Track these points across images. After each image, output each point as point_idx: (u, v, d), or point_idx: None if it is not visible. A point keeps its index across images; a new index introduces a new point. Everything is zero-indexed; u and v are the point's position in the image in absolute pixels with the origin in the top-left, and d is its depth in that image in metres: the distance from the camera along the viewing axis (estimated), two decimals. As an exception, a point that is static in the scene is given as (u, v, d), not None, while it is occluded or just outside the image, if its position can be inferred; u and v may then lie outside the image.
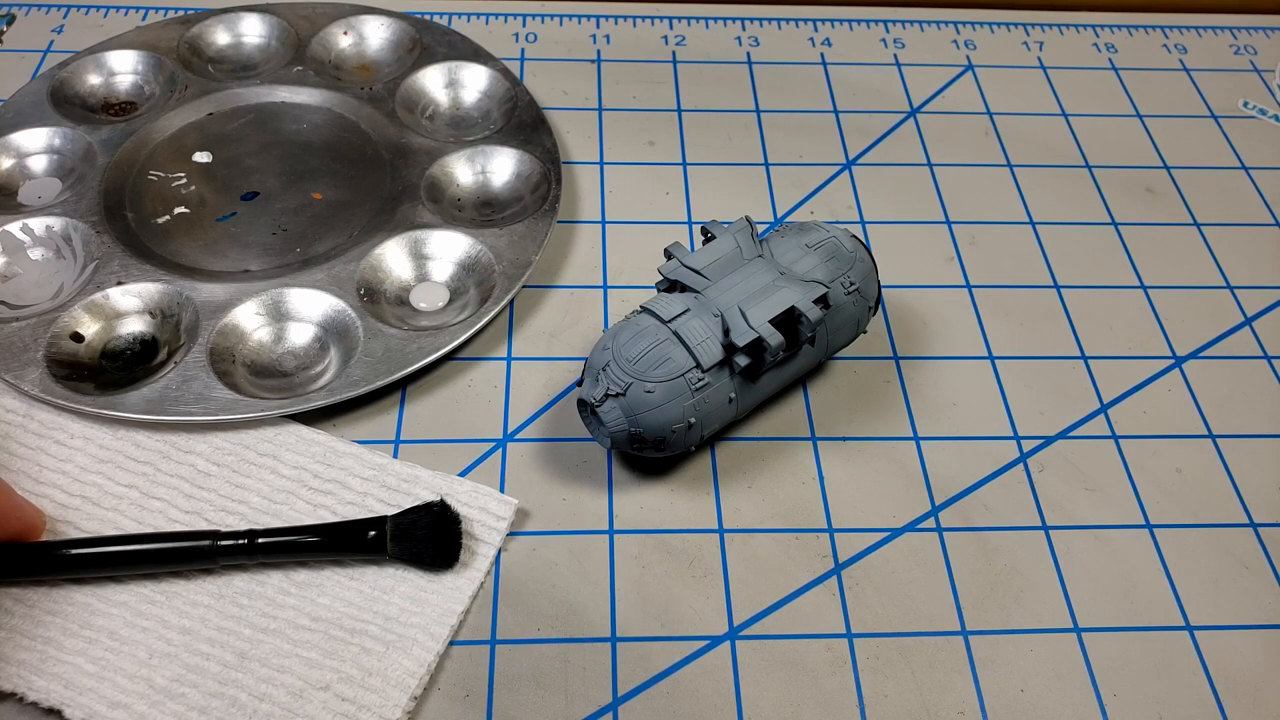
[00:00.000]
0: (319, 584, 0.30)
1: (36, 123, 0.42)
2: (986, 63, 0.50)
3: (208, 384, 0.34)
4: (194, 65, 0.45)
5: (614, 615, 0.31)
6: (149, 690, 0.28)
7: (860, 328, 0.35)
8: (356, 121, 0.44)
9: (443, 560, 0.30)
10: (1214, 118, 0.48)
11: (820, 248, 0.34)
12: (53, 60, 0.46)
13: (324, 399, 0.33)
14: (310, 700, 0.28)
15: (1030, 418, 0.36)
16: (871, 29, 0.52)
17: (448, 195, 0.41)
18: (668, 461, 0.34)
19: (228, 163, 0.42)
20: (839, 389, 0.36)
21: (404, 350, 0.35)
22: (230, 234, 0.39)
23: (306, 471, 0.32)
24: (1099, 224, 0.43)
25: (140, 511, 0.31)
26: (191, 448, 0.33)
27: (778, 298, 0.31)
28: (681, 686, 0.29)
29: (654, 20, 0.51)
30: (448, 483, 0.32)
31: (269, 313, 0.36)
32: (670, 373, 0.30)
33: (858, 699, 0.29)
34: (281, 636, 0.29)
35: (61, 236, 0.38)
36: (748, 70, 0.49)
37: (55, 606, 0.29)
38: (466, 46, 0.46)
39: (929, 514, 0.33)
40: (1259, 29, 0.53)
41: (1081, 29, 0.53)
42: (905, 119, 0.47)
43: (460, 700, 0.29)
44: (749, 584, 0.32)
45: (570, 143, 0.45)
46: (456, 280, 0.38)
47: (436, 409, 0.35)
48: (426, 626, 0.29)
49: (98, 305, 0.36)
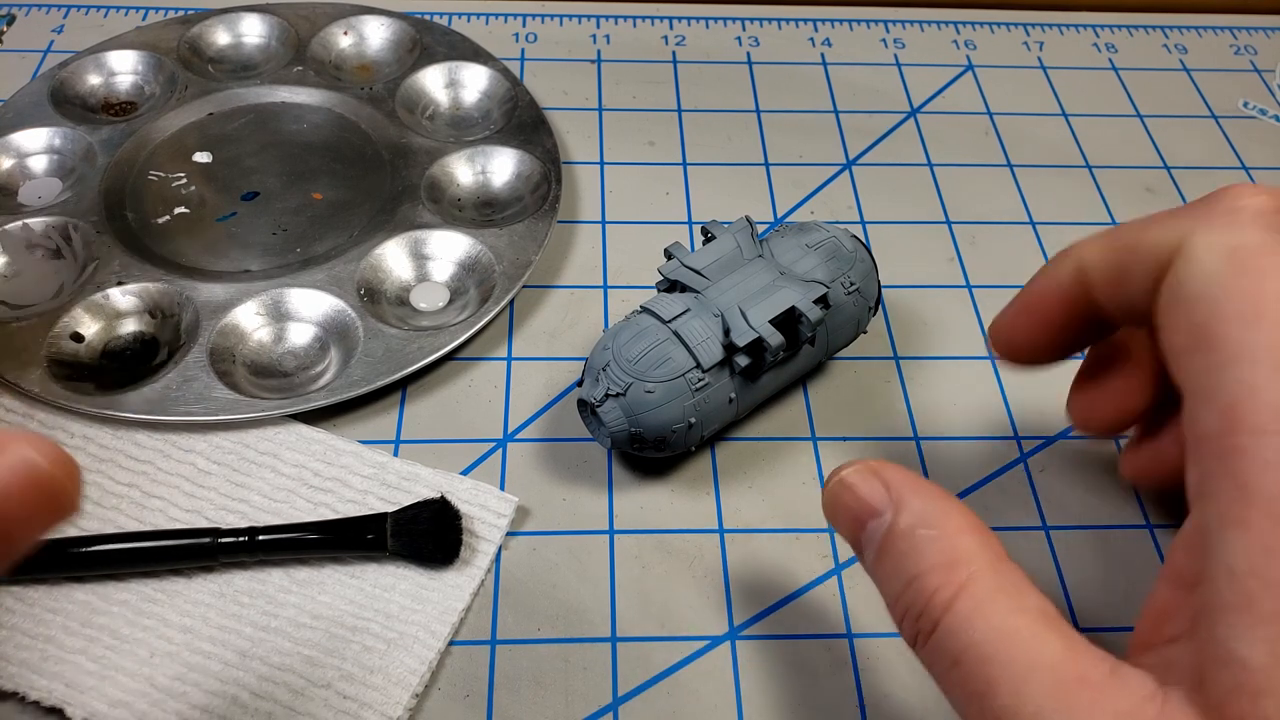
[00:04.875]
0: (320, 582, 0.30)
1: (36, 123, 0.42)
2: (986, 63, 0.50)
3: (208, 384, 0.34)
4: (194, 65, 0.45)
5: (614, 615, 0.31)
6: (150, 689, 0.28)
7: (860, 328, 0.35)
8: (356, 121, 0.44)
9: (443, 556, 0.30)
10: (1214, 118, 0.48)
11: (820, 248, 0.34)
12: (53, 60, 0.46)
13: (324, 399, 0.33)
14: (312, 698, 0.28)
15: (1030, 418, 0.36)
16: (871, 29, 0.52)
17: (448, 195, 0.41)
18: (668, 461, 0.34)
19: (228, 163, 0.42)
20: (839, 389, 0.36)
21: (404, 350, 0.35)
22: (230, 234, 0.39)
23: (307, 470, 0.32)
24: (1099, 224, 0.43)
25: (140, 510, 0.31)
26: (191, 446, 0.33)
27: (778, 298, 0.32)
28: (681, 686, 0.29)
29: (654, 20, 0.51)
30: (448, 480, 0.32)
31: (269, 313, 0.36)
32: (670, 373, 0.30)
33: (858, 699, 0.29)
34: (282, 635, 0.29)
35: (61, 236, 0.38)
36: (748, 70, 0.49)
37: (56, 605, 0.29)
38: (466, 46, 0.46)
39: (929, 514, 0.33)
40: (1259, 29, 0.53)
41: (1081, 29, 0.53)
42: (905, 119, 0.47)
43: (460, 700, 0.29)
44: (749, 584, 0.32)
45: (570, 143, 0.45)
46: (456, 280, 0.38)
47: (436, 409, 0.35)
48: (427, 624, 0.29)
49: (98, 305, 0.36)
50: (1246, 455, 0.20)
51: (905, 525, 0.23)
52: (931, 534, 0.23)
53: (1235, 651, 0.19)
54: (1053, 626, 0.22)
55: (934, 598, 0.22)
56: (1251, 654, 0.19)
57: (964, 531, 0.23)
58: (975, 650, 0.21)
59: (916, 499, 0.24)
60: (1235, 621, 0.20)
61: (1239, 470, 0.20)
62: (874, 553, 0.24)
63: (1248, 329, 0.21)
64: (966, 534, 0.23)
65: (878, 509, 0.24)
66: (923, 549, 0.23)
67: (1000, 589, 0.22)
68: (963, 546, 0.23)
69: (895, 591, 0.24)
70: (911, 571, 0.23)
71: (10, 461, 0.19)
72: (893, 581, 0.24)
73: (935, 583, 0.22)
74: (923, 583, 0.23)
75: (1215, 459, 0.21)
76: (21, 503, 0.19)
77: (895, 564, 0.23)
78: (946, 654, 0.22)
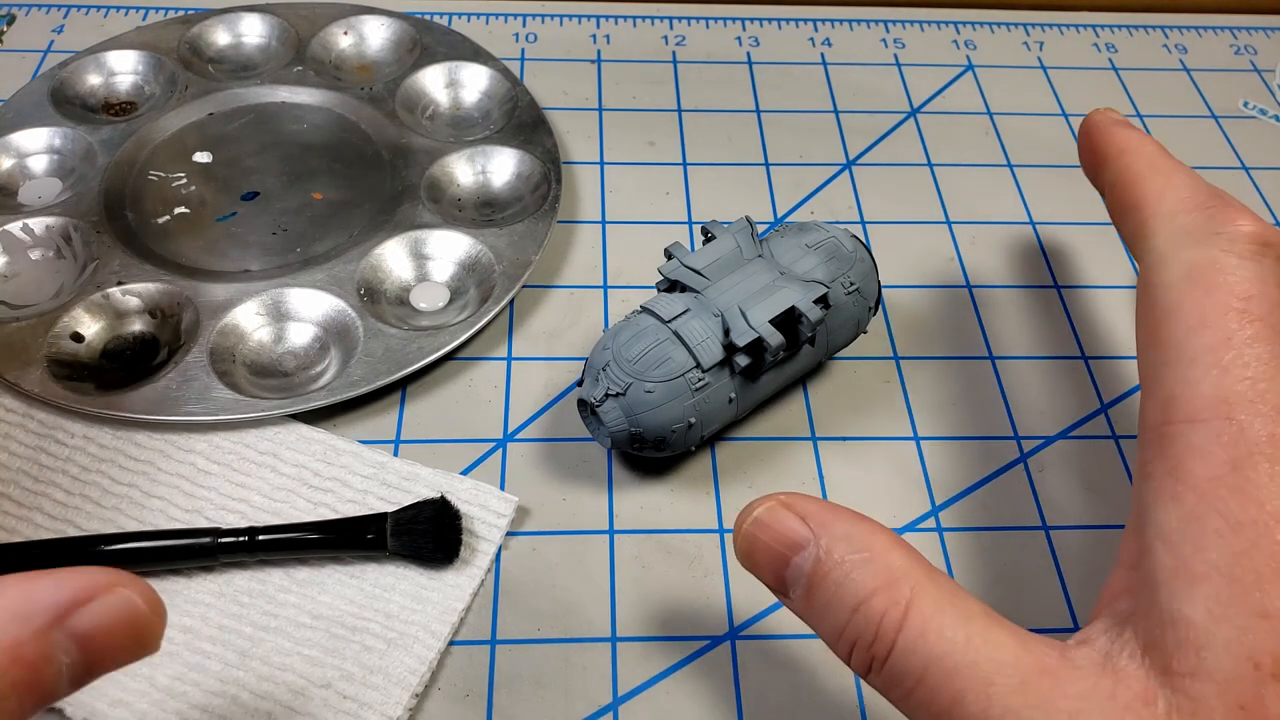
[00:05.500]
0: (320, 582, 0.30)
1: (36, 123, 0.42)
2: (986, 63, 0.50)
3: (208, 384, 0.34)
4: (194, 65, 0.45)
5: (614, 615, 0.31)
6: (150, 689, 0.28)
7: (860, 328, 0.35)
8: (356, 121, 0.44)
9: (443, 555, 0.30)
10: (1214, 118, 0.48)
11: (820, 248, 0.34)
12: (53, 60, 0.47)
13: (324, 399, 0.33)
14: (312, 698, 0.28)
15: (1030, 418, 0.36)
16: (871, 29, 0.52)
17: (448, 195, 0.41)
18: (668, 461, 0.34)
19: (228, 163, 0.42)
20: (839, 389, 0.36)
21: (404, 350, 0.35)
22: (230, 234, 0.39)
23: (307, 470, 0.32)
24: (1099, 224, 0.43)
25: (140, 510, 0.31)
26: (191, 446, 0.33)
27: (778, 298, 0.32)
28: (681, 686, 0.29)
29: (654, 20, 0.51)
30: (448, 480, 0.32)
31: (269, 313, 0.36)
32: (670, 373, 0.30)
33: (858, 699, 0.29)
34: (282, 634, 0.29)
35: (61, 236, 0.38)
36: (748, 70, 0.49)
37: (55, 606, 0.29)
38: (466, 46, 0.46)
39: (929, 514, 0.33)
40: (1259, 29, 0.53)
41: (1081, 29, 0.53)
42: (905, 119, 0.47)
43: (460, 700, 0.29)
44: (749, 584, 0.31)
45: (570, 143, 0.45)
46: (456, 280, 0.38)
47: (436, 409, 0.35)
48: (427, 624, 0.29)
49: (98, 305, 0.36)
50: (1179, 440, 0.23)
51: (833, 554, 0.23)
52: (864, 557, 0.23)
53: (1178, 612, 0.21)
54: (1000, 625, 0.22)
55: (884, 621, 0.22)
56: (1193, 612, 0.21)
57: (892, 548, 0.23)
58: (938, 664, 0.22)
59: (838, 525, 0.24)
60: (1174, 584, 0.21)
61: (1172, 453, 0.23)
62: (803, 589, 0.24)
63: (1191, 334, 0.24)
64: (895, 550, 0.23)
65: (800, 543, 0.24)
66: (859, 574, 0.23)
67: (945, 599, 0.23)
68: (897, 564, 0.23)
69: (838, 624, 0.23)
70: (853, 599, 0.23)
71: (116, 602, 0.20)
72: (833, 614, 0.23)
73: (881, 605, 0.22)
74: (869, 608, 0.23)
75: (1155, 445, 0.23)
76: (118, 641, 0.20)
77: (832, 595, 0.23)
78: (908, 674, 0.22)
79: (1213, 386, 0.23)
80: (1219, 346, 0.23)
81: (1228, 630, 0.20)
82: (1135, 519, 0.24)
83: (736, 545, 0.25)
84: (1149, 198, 0.28)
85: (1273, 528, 0.21)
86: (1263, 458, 0.22)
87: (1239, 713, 0.20)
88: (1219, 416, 0.22)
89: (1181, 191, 0.27)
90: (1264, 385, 0.22)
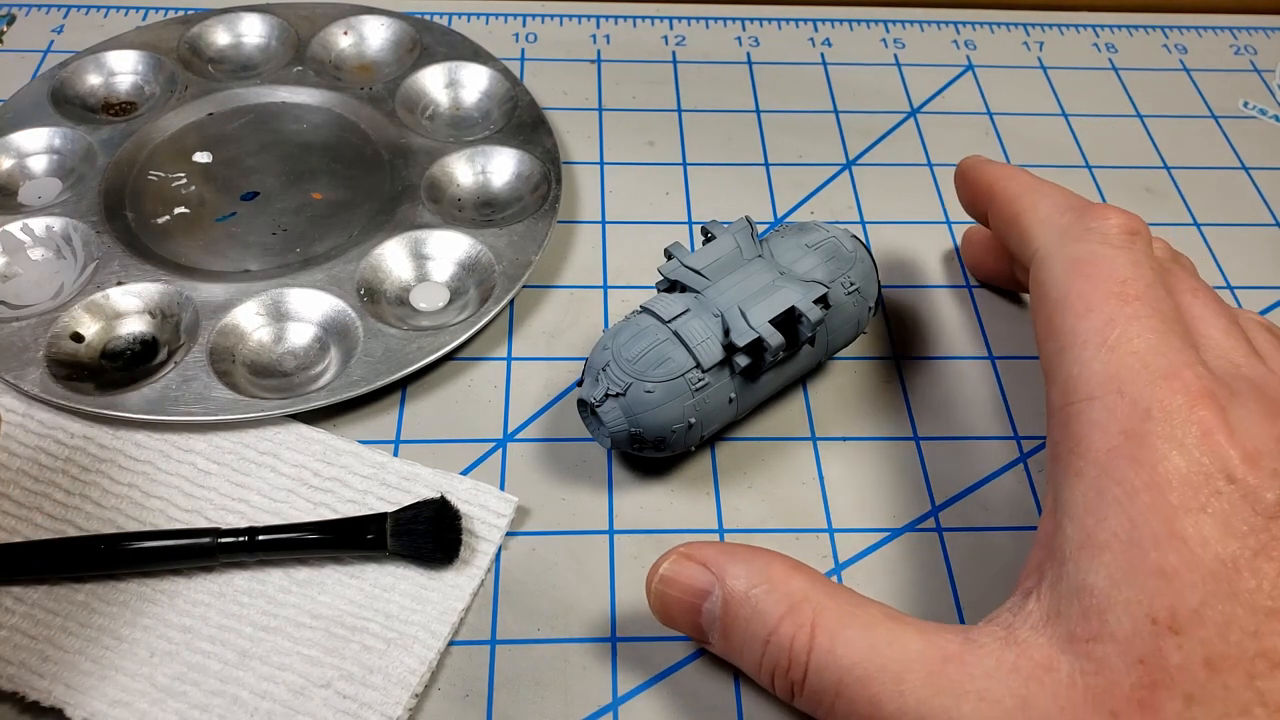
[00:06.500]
0: (320, 582, 0.30)
1: (36, 123, 0.42)
2: (986, 63, 0.50)
3: (208, 384, 0.34)
4: (194, 65, 0.45)
5: (614, 615, 0.31)
6: (150, 689, 0.28)
7: (860, 328, 0.35)
8: (356, 121, 0.44)
9: (443, 555, 0.30)
10: (1214, 118, 0.48)
11: (820, 248, 0.34)
12: (53, 60, 0.47)
13: (324, 399, 0.33)
14: (312, 698, 0.28)
15: (1030, 418, 0.36)
16: (871, 29, 0.52)
17: (448, 195, 0.41)
18: (668, 461, 0.34)
19: (228, 163, 0.42)
20: (839, 389, 0.36)
21: (404, 350, 0.35)
22: (230, 234, 0.39)
23: (306, 470, 0.32)
24: (1099, 224, 0.43)
25: (140, 510, 0.31)
26: (191, 446, 0.33)
27: (778, 298, 0.32)
28: (681, 686, 0.29)
29: (654, 20, 0.51)
30: (447, 480, 0.32)
31: (269, 313, 0.36)
32: (670, 373, 0.30)
33: (858, 698, 0.29)
34: (282, 634, 0.29)
35: (61, 236, 0.38)
36: (748, 70, 0.49)
37: (55, 606, 0.29)
38: (466, 46, 0.46)
39: (929, 514, 0.33)
40: (1259, 29, 0.53)
41: (1081, 29, 0.53)
42: (905, 119, 0.47)
43: (460, 700, 0.29)
44: (749, 584, 0.31)
45: (570, 143, 0.45)
46: (456, 280, 0.38)
47: (436, 409, 0.35)
48: (427, 624, 0.29)
49: (98, 305, 0.36)
50: (1079, 417, 0.24)
51: (738, 592, 0.25)
52: (764, 588, 0.25)
53: (1083, 582, 0.22)
54: (901, 622, 0.24)
55: (794, 645, 0.24)
56: (1096, 580, 0.22)
57: (790, 575, 0.25)
58: (850, 675, 0.23)
59: (736, 565, 0.25)
60: (1079, 557, 0.22)
61: (1074, 431, 0.24)
62: (719, 632, 0.26)
63: (1080, 320, 0.25)
64: (793, 576, 0.25)
65: (706, 589, 0.26)
66: (763, 607, 0.25)
67: (846, 612, 0.24)
68: (796, 588, 0.25)
69: (755, 657, 0.25)
70: (763, 631, 0.24)
71: None
72: (749, 648, 0.25)
73: (789, 631, 0.24)
74: (778, 637, 0.24)
75: (1059, 427, 0.25)
76: None
77: (744, 631, 0.25)
78: (827, 690, 0.23)
79: (1103, 365, 0.24)
80: (1105, 327, 0.25)
81: (1127, 592, 0.21)
82: (1049, 500, 0.25)
83: (651, 605, 0.27)
84: (1026, 210, 0.30)
85: (1164, 489, 0.22)
86: (1152, 423, 0.23)
87: (1139, 667, 0.21)
88: (1111, 391, 0.24)
89: (1054, 199, 0.30)
90: (1148, 357, 0.24)
